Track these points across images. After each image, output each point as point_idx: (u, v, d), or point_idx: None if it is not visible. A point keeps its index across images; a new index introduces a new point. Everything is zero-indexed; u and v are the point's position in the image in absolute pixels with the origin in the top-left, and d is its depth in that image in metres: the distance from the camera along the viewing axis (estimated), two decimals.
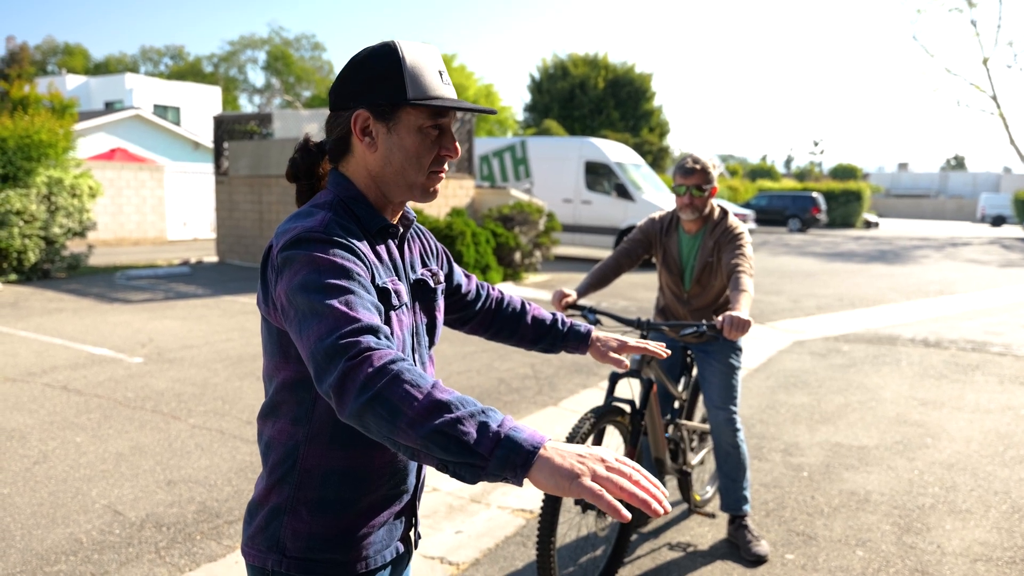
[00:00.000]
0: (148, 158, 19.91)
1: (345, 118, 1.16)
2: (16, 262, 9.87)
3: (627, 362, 1.52)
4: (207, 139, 22.02)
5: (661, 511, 0.85)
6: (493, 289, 1.58)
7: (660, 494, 0.87)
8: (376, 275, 1.12)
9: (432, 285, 1.29)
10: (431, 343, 1.31)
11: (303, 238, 1.06)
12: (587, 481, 0.84)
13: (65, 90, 27.28)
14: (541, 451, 0.86)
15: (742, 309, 2.43)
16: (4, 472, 3.56)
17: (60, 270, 10.57)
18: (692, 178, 2.79)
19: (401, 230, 1.25)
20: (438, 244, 1.40)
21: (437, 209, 11.24)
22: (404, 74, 1.12)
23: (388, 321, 1.13)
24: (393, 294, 1.15)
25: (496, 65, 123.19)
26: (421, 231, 1.36)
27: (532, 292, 10.12)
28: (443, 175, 1.21)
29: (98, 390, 4.96)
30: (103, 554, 2.83)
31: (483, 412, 0.89)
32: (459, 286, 1.48)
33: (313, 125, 12.15)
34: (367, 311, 1.00)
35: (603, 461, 0.87)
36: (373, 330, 0.97)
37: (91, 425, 4.26)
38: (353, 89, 1.15)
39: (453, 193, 11.70)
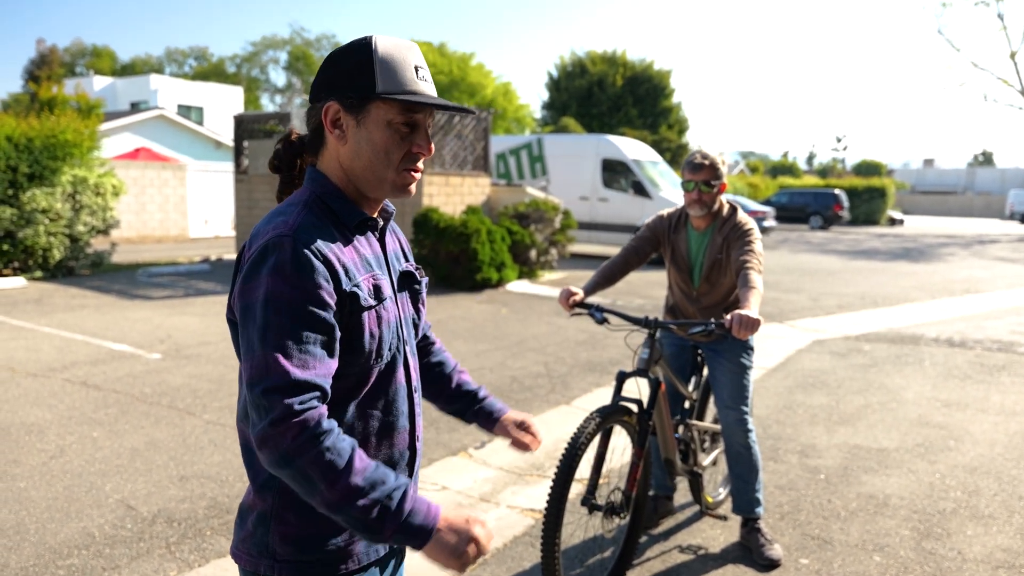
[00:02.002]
0: (171, 157, 20.20)
1: (318, 110, 1.17)
2: (41, 259, 10.07)
3: (535, 447, 1.44)
4: (229, 138, 22.28)
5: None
6: (435, 338, 1.54)
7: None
8: (348, 278, 1.11)
9: (419, 277, 1.30)
10: (415, 337, 1.30)
11: (270, 245, 1.07)
12: (460, 564, 1.04)
13: (92, 91, 27.78)
14: (432, 536, 1.03)
15: (751, 307, 2.38)
16: (21, 466, 3.62)
17: (84, 267, 10.76)
18: (700, 174, 2.74)
19: (381, 223, 1.24)
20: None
21: (453, 207, 11.25)
22: (375, 68, 1.12)
23: (359, 323, 1.12)
24: (369, 291, 1.14)
25: (514, 63, 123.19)
26: (395, 230, 1.36)
27: (547, 290, 10.08)
28: (418, 173, 1.19)
29: (116, 386, 5.03)
30: (115, 548, 2.86)
31: (389, 496, 1.02)
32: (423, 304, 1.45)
33: None
34: (303, 356, 1.03)
35: (476, 542, 1.05)
36: (301, 388, 1.01)
37: (108, 420, 4.31)
38: (326, 82, 1.15)
39: (468, 191, 11.69)
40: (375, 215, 1.24)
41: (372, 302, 1.14)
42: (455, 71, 40.32)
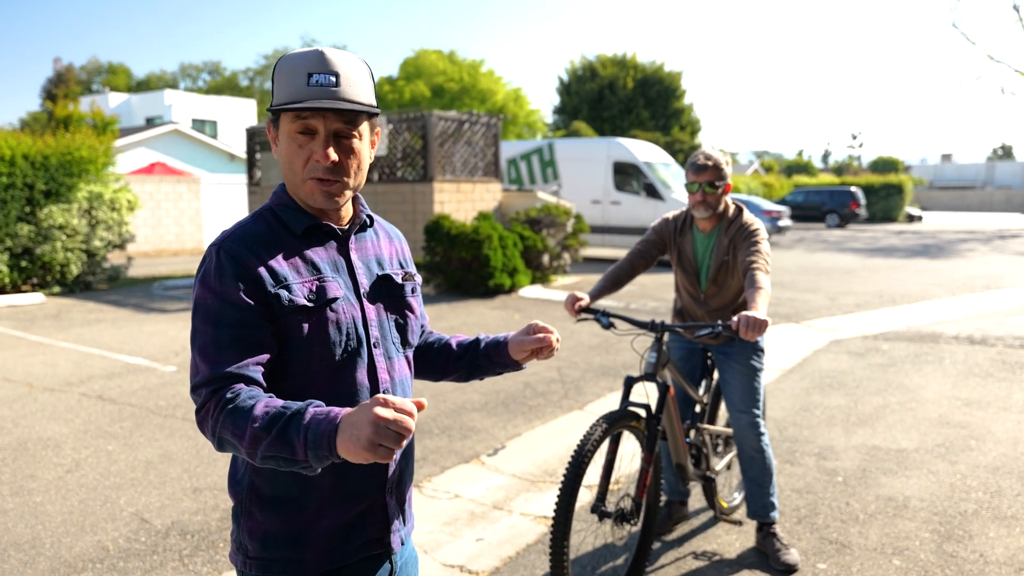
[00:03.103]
0: (186, 171, 20.44)
1: None
2: (59, 275, 10.21)
3: (551, 338, 1.37)
4: (242, 151, 22.50)
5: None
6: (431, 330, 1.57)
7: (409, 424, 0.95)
8: (273, 281, 1.14)
9: (399, 281, 1.30)
10: (404, 341, 1.29)
11: (204, 256, 1.17)
12: (375, 453, 0.93)
13: (108, 108, 28.22)
14: (337, 434, 0.96)
15: (759, 308, 2.35)
16: (38, 481, 3.66)
17: (101, 282, 10.90)
18: (704, 175, 2.71)
19: (346, 228, 1.25)
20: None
21: (464, 214, 11.25)
22: (274, 84, 1.18)
23: (294, 324, 1.14)
24: (308, 293, 1.16)
25: (525, 69, 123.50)
26: (391, 235, 1.35)
27: (560, 295, 10.05)
28: (329, 185, 1.17)
29: (131, 399, 5.07)
30: (128, 562, 2.87)
31: (288, 422, 0.99)
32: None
33: None
34: (221, 355, 1.10)
35: (378, 420, 0.93)
36: (218, 380, 1.09)
37: (123, 434, 4.35)
38: None
39: (480, 197, 11.69)
40: (342, 223, 1.25)
41: (304, 303, 1.15)
42: (465, 78, 40.44)
